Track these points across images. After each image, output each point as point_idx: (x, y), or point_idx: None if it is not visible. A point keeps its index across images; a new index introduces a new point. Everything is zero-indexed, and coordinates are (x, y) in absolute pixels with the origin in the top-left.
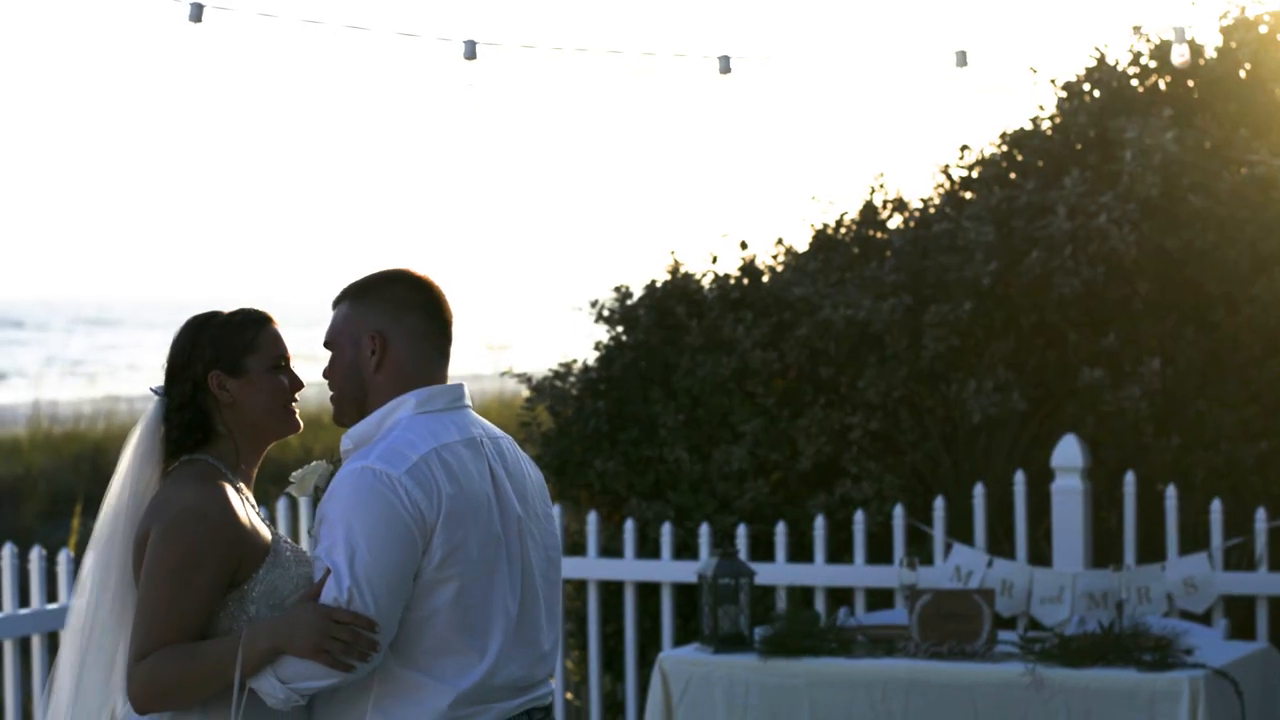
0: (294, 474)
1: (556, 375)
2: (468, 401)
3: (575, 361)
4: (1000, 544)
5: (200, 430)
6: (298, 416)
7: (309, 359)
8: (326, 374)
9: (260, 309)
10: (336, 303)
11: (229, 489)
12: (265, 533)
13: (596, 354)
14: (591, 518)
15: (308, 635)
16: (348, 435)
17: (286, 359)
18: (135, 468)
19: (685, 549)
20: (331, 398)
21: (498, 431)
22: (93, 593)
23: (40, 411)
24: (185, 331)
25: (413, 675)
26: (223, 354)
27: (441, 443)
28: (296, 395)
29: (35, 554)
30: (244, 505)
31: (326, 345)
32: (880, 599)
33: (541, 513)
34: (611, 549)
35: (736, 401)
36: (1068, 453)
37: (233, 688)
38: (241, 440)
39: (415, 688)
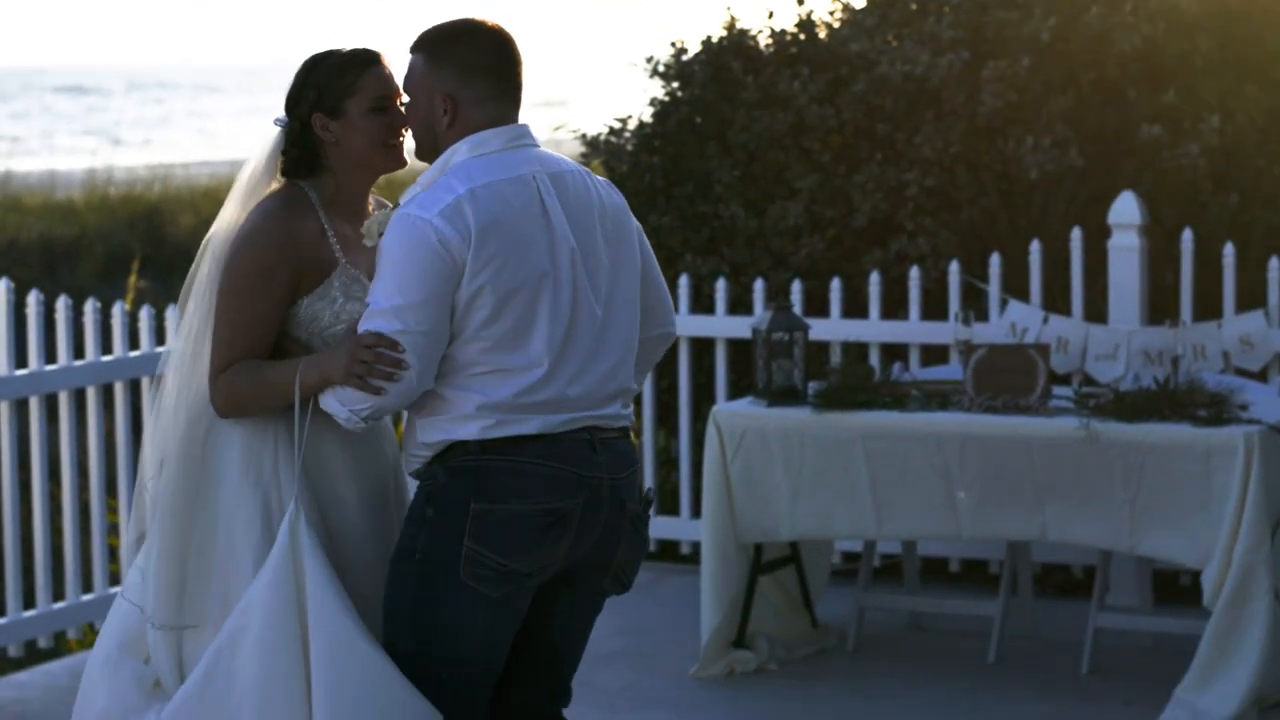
0: (363, 225)
1: (612, 131)
2: (529, 141)
3: (631, 118)
4: (1056, 301)
5: (306, 165)
6: (402, 153)
7: None
8: (405, 118)
9: (371, 49)
10: (412, 50)
11: (306, 215)
12: (333, 261)
13: (652, 110)
14: None
15: (341, 363)
16: (415, 184)
17: (389, 99)
18: (243, 193)
19: (740, 305)
20: (414, 136)
21: (569, 166)
22: (190, 320)
23: (96, 176)
24: (300, 71)
25: (451, 392)
26: (325, 96)
27: (480, 183)
28: (401, 133)
29: (90, 307)
30: (324, 235)
31: (405, 91)
32: (935, 355)
33: (610, 242)
34: None
35: (792, 157)
36: (1125, 209)
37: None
38: (343, 176)
39: (452, 402)
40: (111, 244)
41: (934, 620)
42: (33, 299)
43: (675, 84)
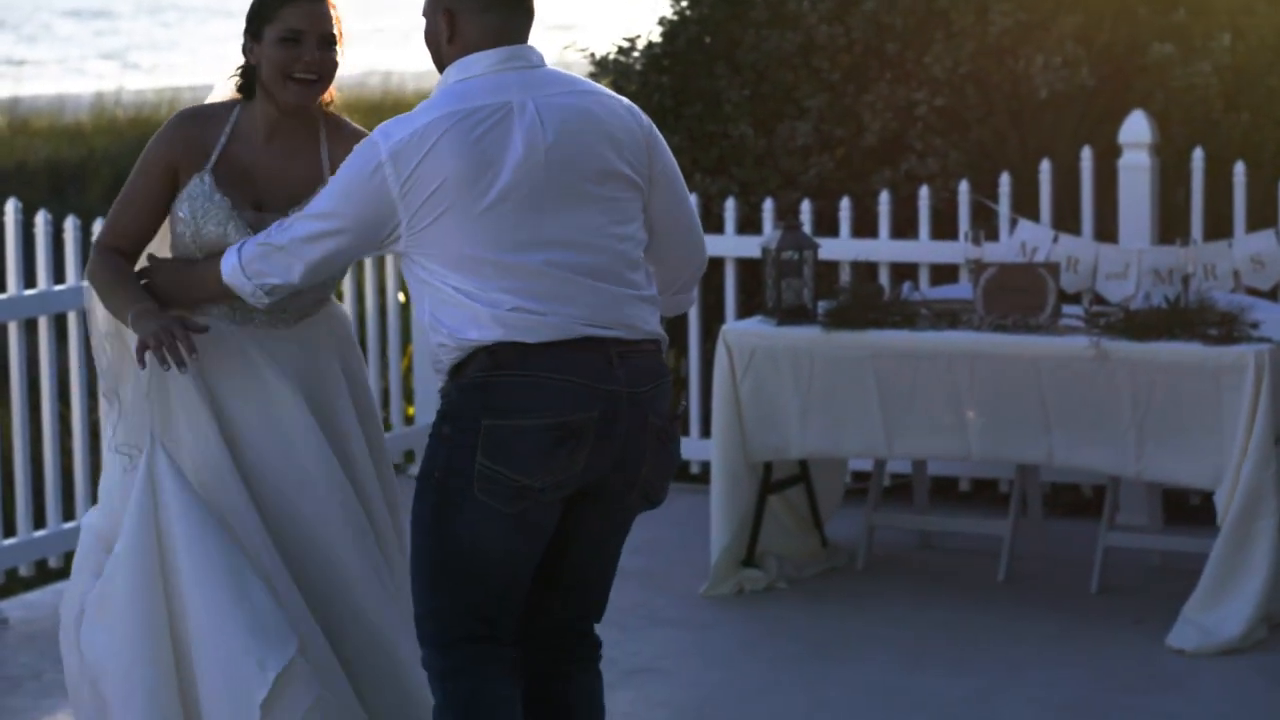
0: None
1: (621, 51)
2: (521, 63)
3: (639, 37)
4: (1066, 220)
5: (246, 86)
6: (305, 91)
7: None
8: (327, 62)
9: None
10: None
11: (210, 127)
12: (203, 163)
13: (661, 29)
14: None
15: (151, 327)
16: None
17: (303, 34)
18: None
19: (749, 224)
20: (431, 58)
21: (576, 87)
22: None
23: (105, 99)
24: None
25: (453, 292)
26: (252, 19)
27: (445, 111)
28: (309, 73)
29: (99, 226)
30: (216, 147)
31: (422, 14)
32: (944, 275)
33: (609, 170)
34: None
35: (802, 77)
36: (1136, 128)
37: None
38: (262, 102)
39: (457, 303)
40: (119, 166)
41: (943, 539)
42: (40, 219)
43: (684, 3)
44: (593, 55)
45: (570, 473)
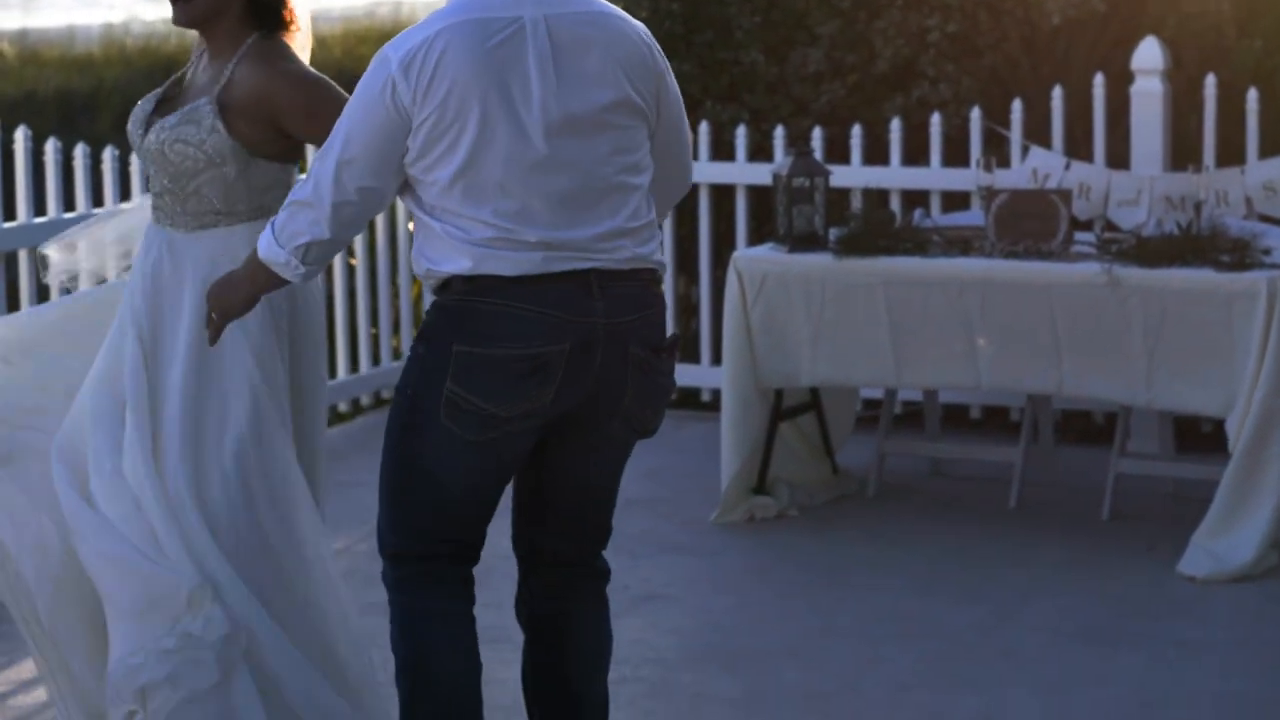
0: None
1: None
2: None
3: None
4: (1078, 147)
5: None
6: (180, 11)
7: None
8: None
9: None
10: None
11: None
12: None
13: None
14: None
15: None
16: None
17: None
18: None
19: (760, 152)
20: None
21: (600, 7)
22: None
23: (114, 30)
24: None
25: (436, 226)
26: None
27: (459, 19)
28: None
29: (108, 154)
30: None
31: None
32: (956, 202)
33: (616, 91)
34: None
35: (813, 3)
36: (1148, 55)
37: None
38: None
39: (438, 237)
40: (129, 96)
41: (955, 466)
42: (50, 147)
43: None
44: None
45: (540, 404)
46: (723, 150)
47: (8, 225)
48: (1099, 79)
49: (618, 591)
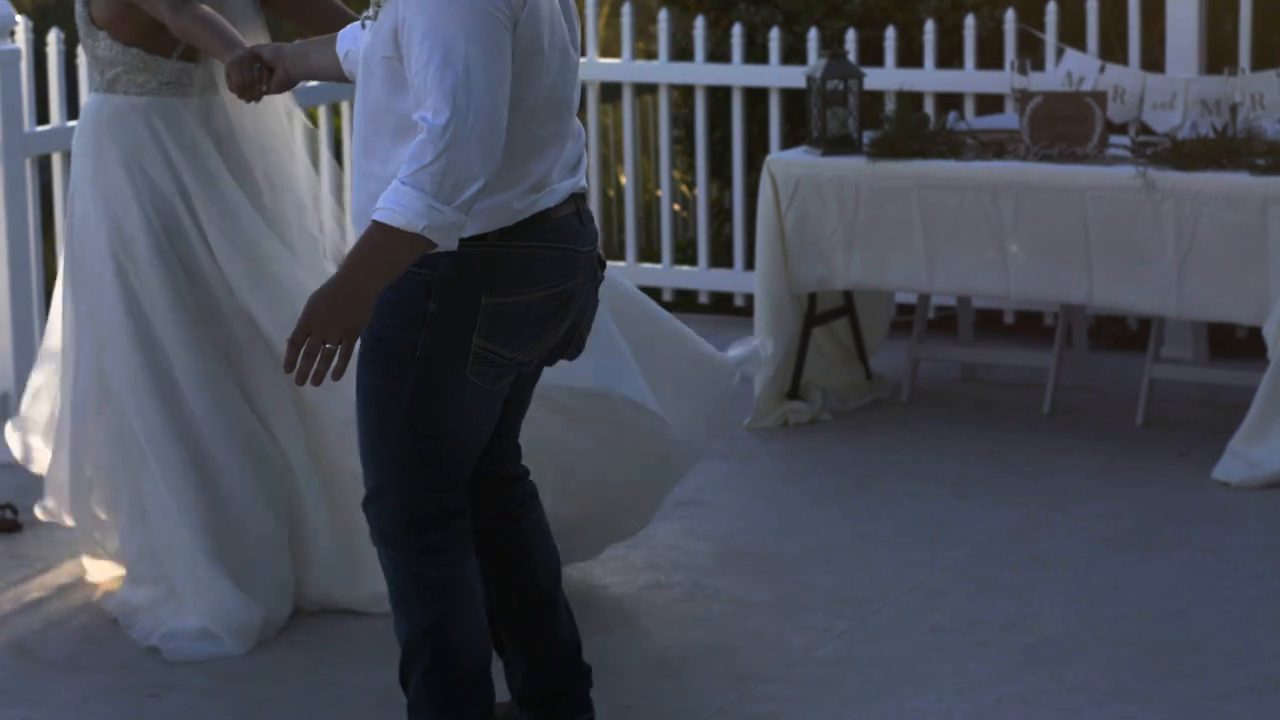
0: None
1: None
2: None
3: None
4: (1113, 50)
5: None
6: None
7: None
8: None
9: None
10: None
11: None
12: None
13: None
14: (698, 23)
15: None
16: None
17: None
18: None
19: (794, 54)
20: None
21: None
22: None
23: None
24: None
25: (502, 169)
26: None
27: None
28: None
29: None
30: None
31: None
32: (990, 105)
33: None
34: (719, 54)
35: None
36: None
37: None
38: None
39: (503, 181)
40: None
41: (988, 372)
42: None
43: None
44: None
45: (554, 340)
46: (756, 53)
47: (41, 129)
48: None
49: None
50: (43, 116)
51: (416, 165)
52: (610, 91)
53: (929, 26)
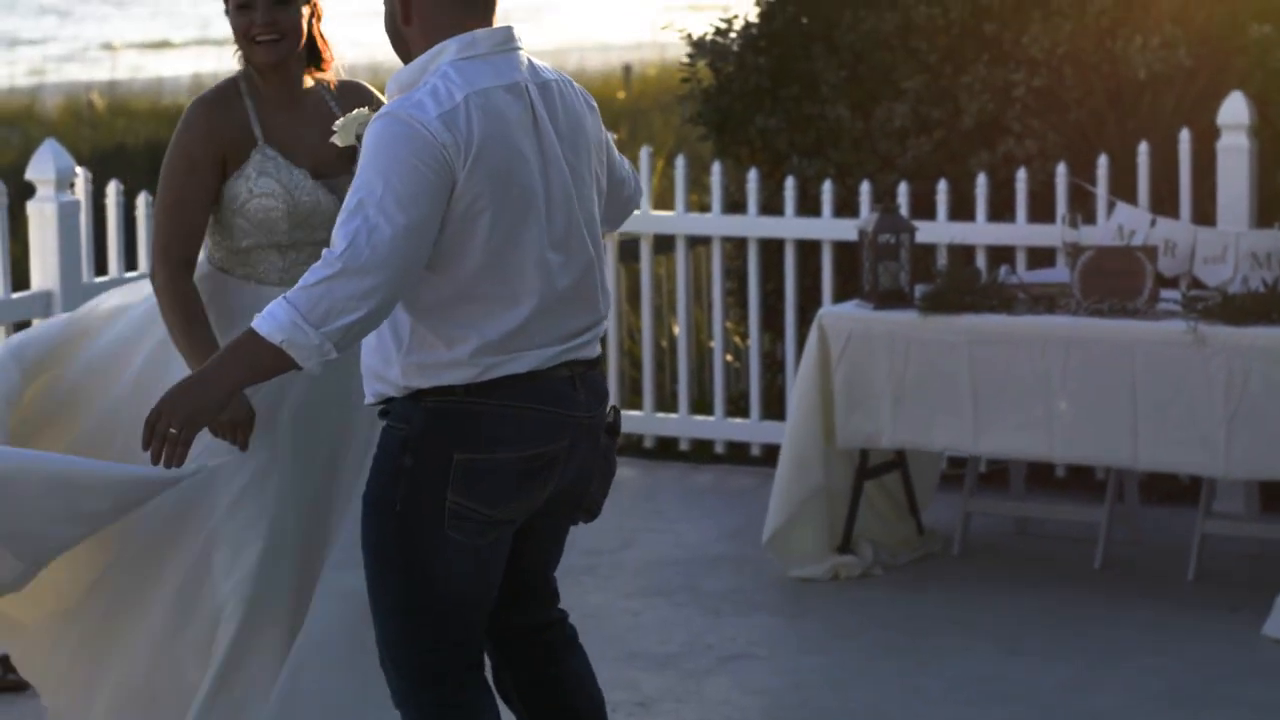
0: (337, 123)
1: (718, 32)
2: (517, 45)
3: (737, 18)
4: (1164, 203)
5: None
6: (267, 51)
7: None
8: (289, 24)
9: None
10: None
11: (232, 104)
12: (253, 143)
13: (758, 10)
14: (752, 175)
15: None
16: (393, 80)
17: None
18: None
19: (846, 207)
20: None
21: (552, 75)
22: None
23: (203, 80)
24: None
25: (443, 329)
26: None
27: (476, 88)
28: (267, 34)
29: None
30: (247, 119)
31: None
32: (1041, 258)
33: (588, 158)
34: (772, 207)
35: (899, 58)
36: (1234, 110)
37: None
38: (254, 69)
39: (445, 341)
40: None
41: (1039, 526)
42: (142, 200)
43: None
44: (689, 36)
45: (539, 501)
46: (809, 205)
47: (99, 279)
48: (1185, 134)
49: (703, 651)
50: (100, 267)
51: (300, 285)
52: (664, 243)
53: (980, 179)
